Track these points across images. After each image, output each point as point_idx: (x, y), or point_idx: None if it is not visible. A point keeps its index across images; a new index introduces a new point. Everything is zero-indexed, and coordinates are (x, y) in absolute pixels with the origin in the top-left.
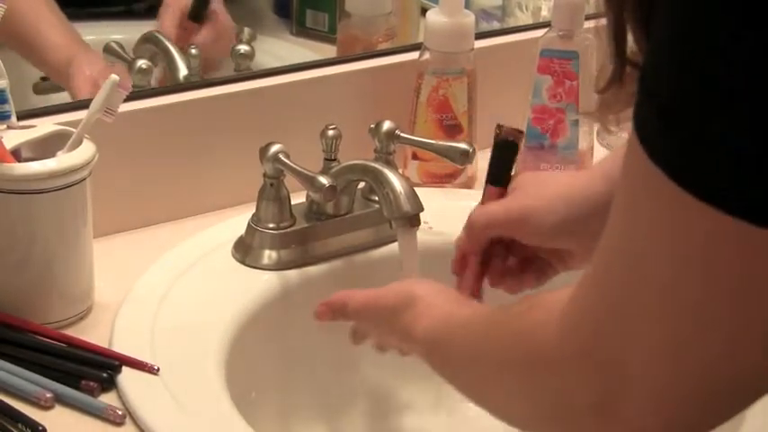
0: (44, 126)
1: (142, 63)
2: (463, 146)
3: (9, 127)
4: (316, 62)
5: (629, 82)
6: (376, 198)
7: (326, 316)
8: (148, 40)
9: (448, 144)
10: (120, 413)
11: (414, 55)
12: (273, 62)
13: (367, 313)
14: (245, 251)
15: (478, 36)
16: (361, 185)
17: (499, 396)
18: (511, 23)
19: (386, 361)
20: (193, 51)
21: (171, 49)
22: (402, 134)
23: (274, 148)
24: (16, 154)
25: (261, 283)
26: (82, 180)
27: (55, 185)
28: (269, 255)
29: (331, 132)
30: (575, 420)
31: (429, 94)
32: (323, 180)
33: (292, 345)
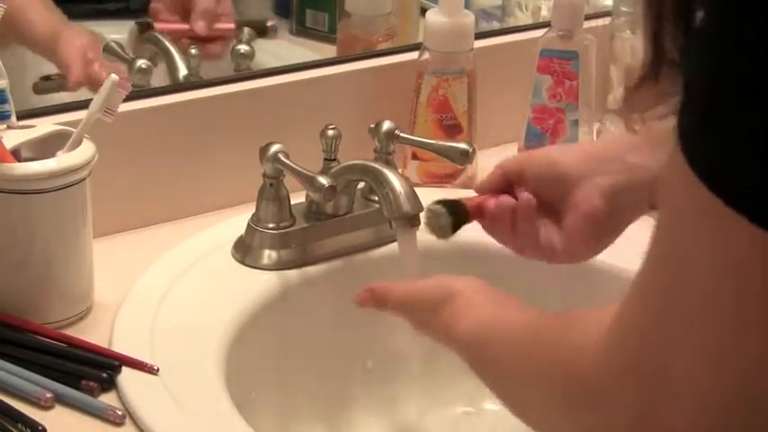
0: (44, 126)
1: (142, 63)
2: (463, 146)
3: (9, 127)
4: (315, 62)
5: (662, 81)
6: (376, 198)
7: (369, 303)
8: (148, 40)
9: (448, 144)
10: (119, 413)
11: (413, 55)
12: (273, 62)
13: (407, 307)
14: (244, 251)
15: (478, 36)
16: (360, 185)
17: (537, 411)
18: (511, 23)
19: (386, 361)
20: (193, 51)
21: (171, 49)
22: (402, 134)
23: (274, 148)
24: (16, 154)
25: (261, 283)
26: (82, 180)
27: (55, 185)
28: (269, 255)
29: (331, 132)
30: None
31: (429, 94)
32: (323, 180)
33: (292, 345)
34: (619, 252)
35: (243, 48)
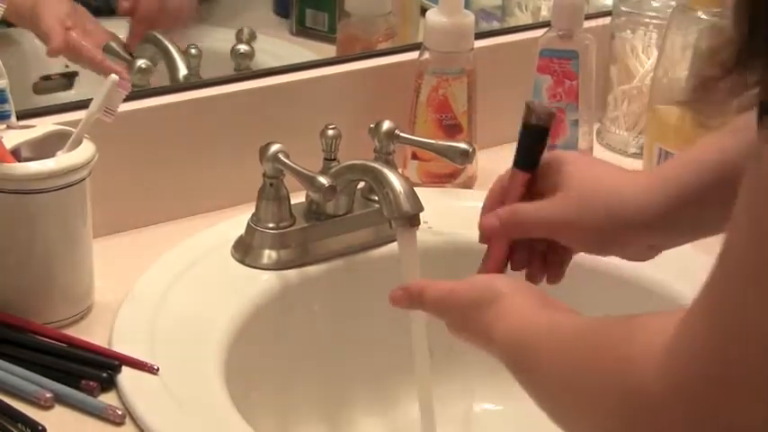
0: (44, 126)
1: (142, 62)
2: (463, 145)
3: (9, 127)
4: (315, 62)
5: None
6: (376, 198)
7: (402, 303)
8: (148, 40)
9: (447, 144)
10: (119, 413)
11: (413, 55)
12: (273, 62)
13: (443, 306)
14: (244, 251)
15: (478, 36)
16: (360, 185)
17: (585, 422)
18: (511, 23)
19: (386, 360)
20: (193, 51)
21: (170, 49)
22: (402, 134)
23: (274, 148)
24: (16, 154)
25: (260, 283)
26: (81, 180)
27: (54, 185)
28: (269, 254)
29: (331, 132)
30: None
31: (429, 94)
32: (322, 180)
33: (292, 344)
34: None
35: (243, 47)
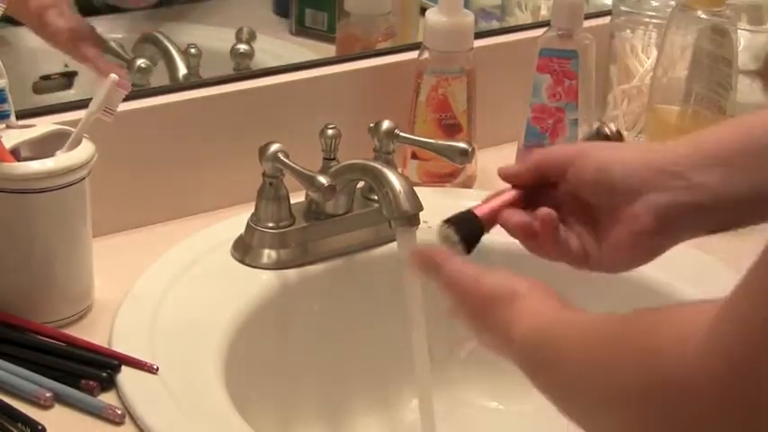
0: (43, 125)
1: (141, 62)
2: (462, 145)
3: (8, 126)
4: (315, 61)
5: None
6: (375, 197)
7: (418, 264)
8: (147, 40)
9: (447, 143)
10: (119, 412)
11: (413, 54)
12: (273, 61)
13: (457, 291)
14: (244, 250)
15: (478, 35)
16: (360, 185)
17: (613, 420)
18: (510, 23)
19: (386, 360)
20: (193, 51)
21: (170, 49)
22: (401, 133)
23: (273, 148)
24: (15, 153)
25: (260, 283)
26: (81, 179)
27: (54, 185)
28: (268, 254)
29: (330, 132)
30: None
31: (428, 94)
32: (322, 179)
33: (292, 344)
34: None
35: (242, 47)
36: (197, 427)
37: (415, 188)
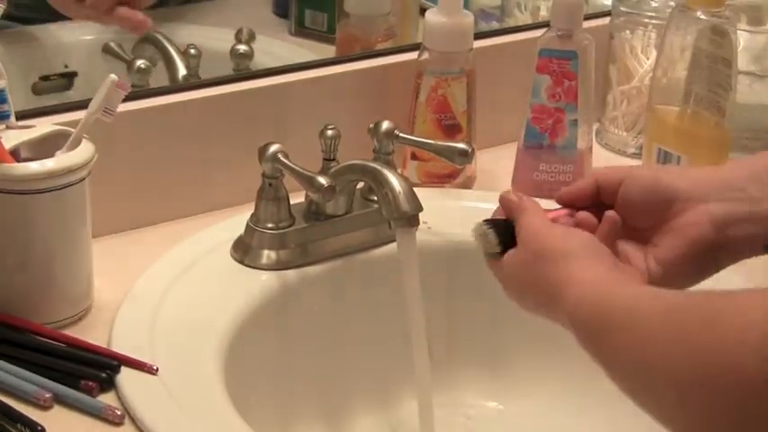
0: (43, 126)
1: (141, 63)
2: (462, 146)
3: (8, 127)
4: (315, 62)
5: None
6: (375, 198)
7: (505, 202)
8: (147, 40)
9: (447, 144)
10: (118, 413)
11: (413, 55)
12: (272, 62)
13: (528, 237)
14: (244, 251)
15: (477, 36)
16: (360, 185)
17: (673, 405)
18: (510, 23)
19: (386, 360)
20: (192, 51)
21: (170, 49)
22: (401, 134)
23: (273, 148)
24: (15, 154)
25: (260, 283)
26: (81, 180)
27: (54, 185)
28: (268, 255)
29: (330, 132)
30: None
31: (428, 94)
32: (322, 180)
33: (292, 345)
34: None
35: (242, 48)
36: (197, 428)
37: (415, 189)
